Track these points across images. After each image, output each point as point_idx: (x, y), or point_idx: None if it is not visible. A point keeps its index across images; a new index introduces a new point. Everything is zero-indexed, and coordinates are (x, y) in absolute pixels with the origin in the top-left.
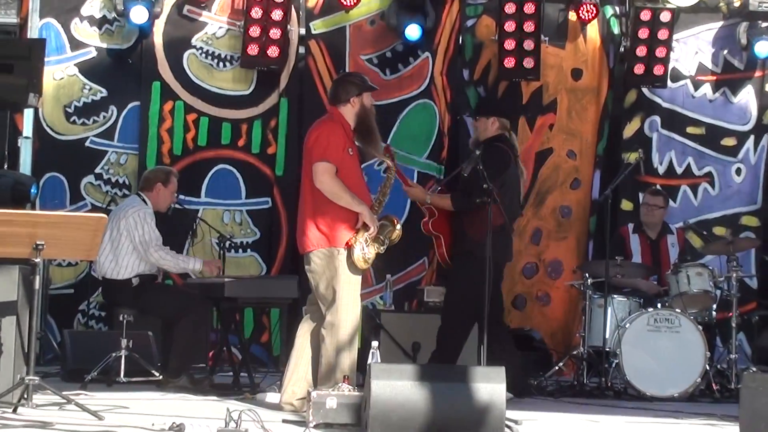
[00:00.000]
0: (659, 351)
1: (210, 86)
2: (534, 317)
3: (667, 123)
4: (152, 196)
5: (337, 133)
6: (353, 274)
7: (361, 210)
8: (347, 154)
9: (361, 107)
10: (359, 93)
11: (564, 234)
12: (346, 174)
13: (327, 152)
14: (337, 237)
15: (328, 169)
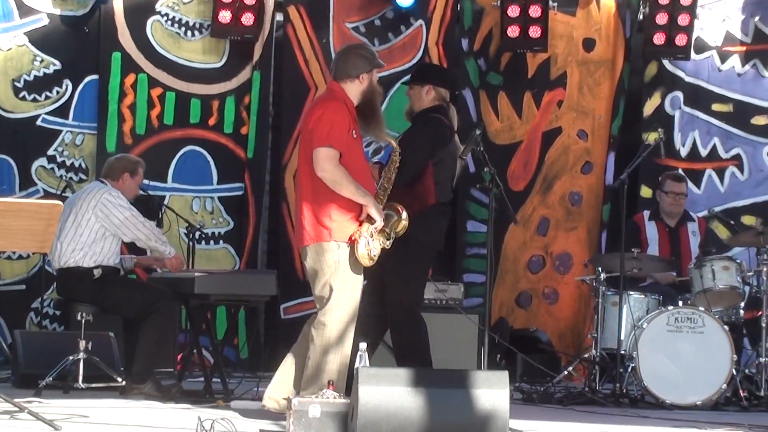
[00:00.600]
0: (680, 354)
1: (177, 58)
2: (540, 316)
3: (691, 99)
4: (117, 186)
5: (341, 113)
6: (354, 273)
7: (366, 201)
8: (351, 137)
9: (369, 85)
10: (370, 69)
11: (574, 224)
12: (350, 159)
13: (330, 136)
14: (338, 230)
15: (330, 156)
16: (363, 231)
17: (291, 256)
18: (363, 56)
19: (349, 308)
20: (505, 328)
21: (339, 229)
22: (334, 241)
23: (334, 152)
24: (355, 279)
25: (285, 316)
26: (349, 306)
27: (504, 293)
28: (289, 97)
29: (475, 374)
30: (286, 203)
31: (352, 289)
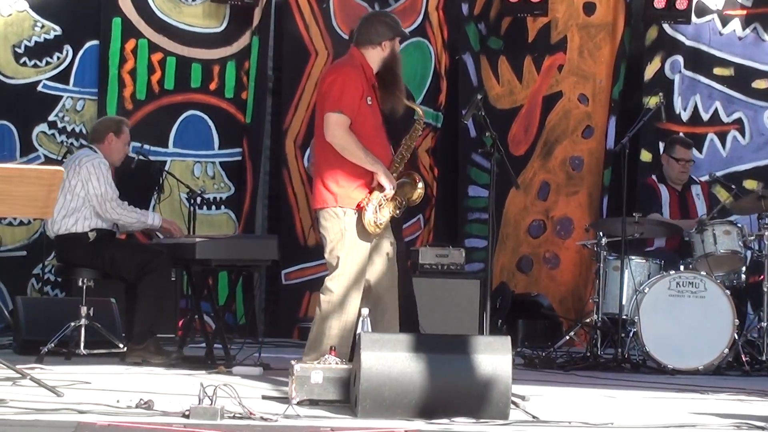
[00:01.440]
0: (682, 319)
1: (177, 22)
2: (541, 281)
3: (692, 63)
4: (104, 148)
5: (354, 79)
6: (361, 240)
7: (376, 169)
8: (365, 103)
9: (391, 53)
10: (392, 37)
11: (575, 188)
12: (362, 126)
13: (341, 101)
14: (347, 197)
15: (340, 122)
16: (372, 198)
17: (292, 222)
18: (387, 24)
19: (354, 275)
20: (507, 292)
21: (345, 195)
22: (339, 207)
23: (344, 118)
24: (361, 246)
25: (286, 282)
26: (355, 273)
27: (505, 258)
28: (289, 63)
29: (477, 339)
30: (287, 169)
31: (358, 256)
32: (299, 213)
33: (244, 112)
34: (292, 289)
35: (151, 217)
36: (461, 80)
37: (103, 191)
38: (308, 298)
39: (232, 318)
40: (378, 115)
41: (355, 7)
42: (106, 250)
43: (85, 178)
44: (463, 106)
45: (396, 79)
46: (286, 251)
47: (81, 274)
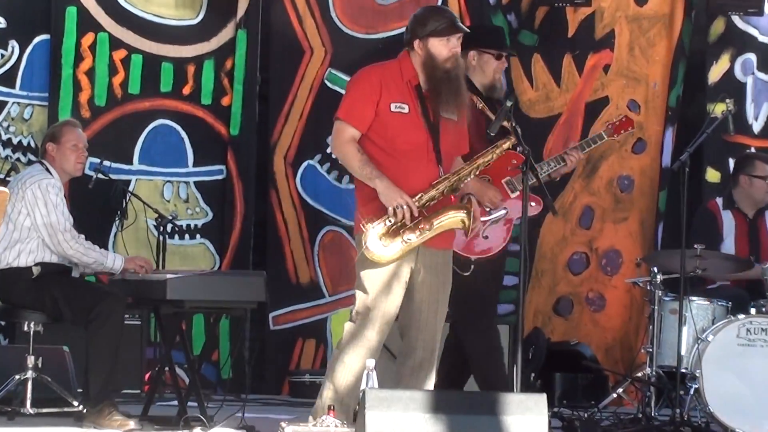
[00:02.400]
0: (753, 373)
1: (144, 13)
2: (584, 327)
3: (766, 63)
4: (51, 161)
5: (368, 81)
6: (371, 269)
7: (375, 184)
8: (390, 111)
9: (426, 55)
10: (423, 36)
11: (624, 214)
12: (383, 137)
13: (347, 108)
14: (359, 219)
15: (341, 131)
16: (375, 223)
17: (281, 255)
18: (416, 19)
19: (367, 314)
20: (541, 340)
21: (360, 218)
22: (358, 233)
23: (344, 126)
24: (374, 276)
25: (274, 327)
26: (367, 312)
27: (540, 299)
28: (279, 62)
29: (505, 397)
30: (275, 190)
31: (371, 290)
32: (290, 244)
33: (225, 121)
34: (281, 335)
35: (112, 259)
36: None
37: (54, 220)
38: (300, 346)
39: (211, 370)
40: (420, 126)
41: None
42: (47, 288)
43: (30, 204)
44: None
45: (438, 89)
46: (275, 290)
47: (27, 317)
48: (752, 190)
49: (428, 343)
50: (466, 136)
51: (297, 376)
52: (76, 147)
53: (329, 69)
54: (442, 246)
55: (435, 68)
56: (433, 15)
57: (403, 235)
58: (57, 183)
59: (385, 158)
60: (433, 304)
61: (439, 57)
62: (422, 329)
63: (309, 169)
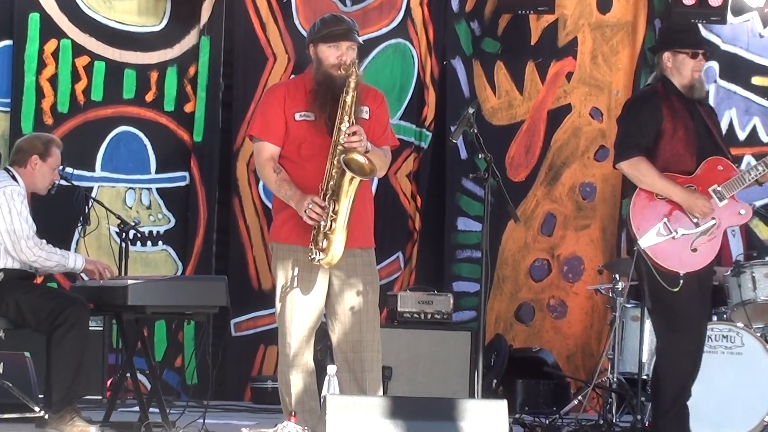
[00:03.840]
0: (714, 379)
1: (107, 20)
2: (545, 333)
3: (728, 71)
4: (26, 173)
5: (276, 97)
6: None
7: (292, 205)
8: (295, 121)
9: (316, 60)
10: (315, 41)
11: (586, 221)
12: (294, 147)
13: (260, 125)
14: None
15: (259, 150)
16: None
17: (244, 261)
18: (312, 25)
19: (288, 319)
20: (502, 346)
21: (273, 227)
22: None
23: (262, 145)
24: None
25: (236, 333)
26: (290, 317)
27: (502, 305)
28: (242, 68)
29: (466, 404)
30: (238, 197)
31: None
32: (252, 250)
33: (188, 128)
34: (243, 341)
35: (73, 259)
36: (450, 90)
37: (17, 227)
38: (262, 352)
39: (172, 376)
40: (325, 132)
41: (322, 3)
42: (11, 294)
43: None
44: (452, 121)
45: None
46: (237, 297)
47: None
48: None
49: (356, 344)
50: (379, 132)
51: (259, 382)
52: (54, 170)
53: (292, 76)
54: (357, 245)
55: (318, 71)
56: (328, 22)
57: (328, 228)
58: (22, 190)
59: (291, 166)
60: (356, 307)
61: (326, 62)
62: (349, 331)
63: None
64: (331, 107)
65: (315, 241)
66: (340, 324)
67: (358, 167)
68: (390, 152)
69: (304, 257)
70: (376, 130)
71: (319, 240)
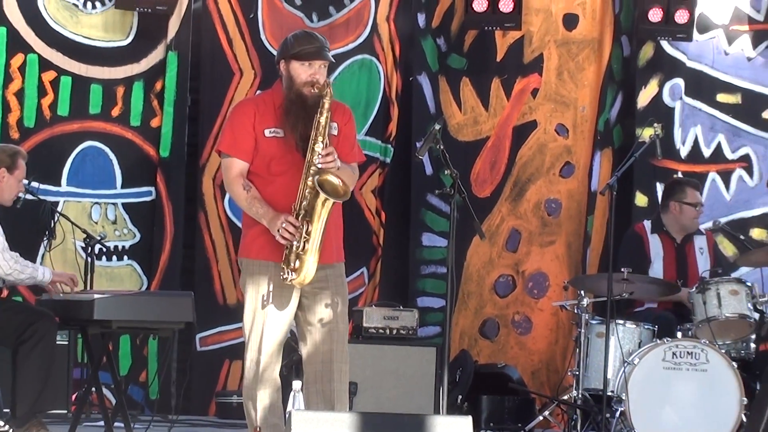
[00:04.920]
0: (679, 396)
1: (74, 34)
2: (510, 349)
3: (693, 88)
4: None
5: (245, 113)
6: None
7: (264, 223)
8: (265, 137)
9: (287, 77)
10: (287, 57)
11: (551, 238)
12: (264, 163)
13: (229, 141)
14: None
15: (229, 167)
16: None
17: (209, 276)
18: (284, 41)
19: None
20: (467, 362)
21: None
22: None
23: (230, 162)
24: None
25: (201, 348)
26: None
27: (466, 321)
28: (209, 84)
29: (432, 419)
30: (204, 212)
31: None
32: (218, 265)
33: (153, 143)
34: (208, 356)
35: (41, 272)
36: (415, 106)
37: None
38: (227, 367)
39: (138, 391)
40: (291, 148)
41: (288, 18)
42: None
43: None
44: (418, 137)
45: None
46: (202, 312)
47: None
48: (681, 216)
49: (326, 354)
50: (347, 148)
51: (224, 397)
52: (20, 182)
53: (258, 91)
54: (329, 261)
55: (291, 90)
56: (301, 39)
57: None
58: None
59: (260, 182)
60: (326, 319)
61: (297, 80)
62: (320, 343)
63: None
64: (303, 126)
65: (287, 260)
66: (310, 336)
67: (332, 189)
68: (357, 168)
69: (275, 273)
70: (344, 147)
71: (291, 260)
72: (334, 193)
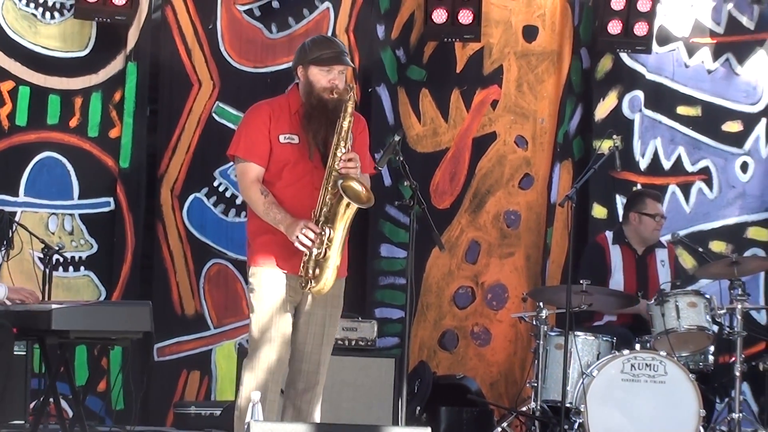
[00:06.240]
0: (637, 408)
1: (32, 44)
2: (469, 360)
3: (653, 101)
4: None
5: (261, 117)
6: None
7: (281, 229)
8: (279, 143)
9: (306, 82)
10: (306, 63)
11: (510, 249)
12: (278, 169)
13: (246, 145)
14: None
15: (245, 172)
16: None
17: (167, 286)
18: (303, 46)
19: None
20: (426, 374)
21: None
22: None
23: (247, 166)
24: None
25: (159, 358)
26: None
27: (425, 332)
28: (167, 94)
29: (390, 431)
30: (162, 223)
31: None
32: (176, 276)
33: (112, 154)
34: (165, 366)
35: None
36: (374, 117)
37: None
38: (185, 377)
39: (95, 401)
40: (305, 155)
41: (247, 29)
42: None
43: None
44: (377, 149)
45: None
46: (160, 322)
47: None
48: (641, 227)
49: (311, 374)
50: (361, 157)
51: (182, 407)
52: None
53: (217, 102)
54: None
55: (311, 95)
56: (319, 44)
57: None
58: None
59: (273, 189)
60: (318, 336)
61: (317, 85)
62: (305, 360)
63: (196, 202)
64: (324, 131)
65: (306, 268)
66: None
67: (355, 195)
68: (369, 179)
69: (288, 283)
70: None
71: (310, 267)
72: (356, 199)
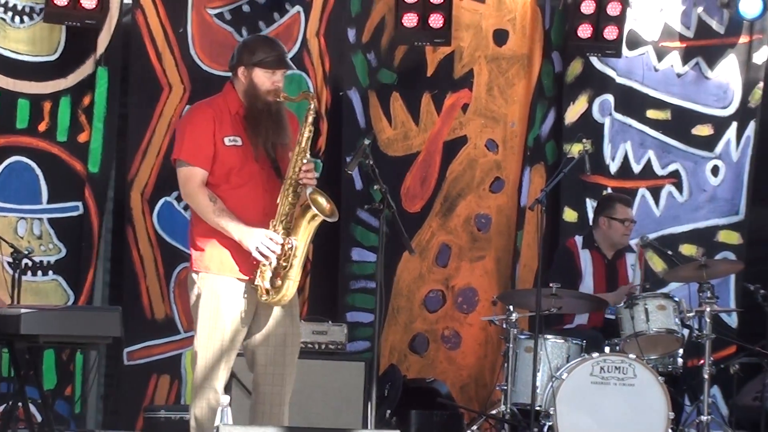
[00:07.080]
0: (606, 410)
1: (1, 48)
2: (439, 364)
3: (623, 104)
4: None
5: (205, 118)
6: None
7: (232, 235)
8: (225, 146)
9: (249, 85)
10: (250, 65)
11: (480, 253)
12: (223, 173)
13: (189, 148)
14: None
15: (190, 176)
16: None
17: (137, 290)
18: (245, 47)
19: (209, 351)
20: (396, 377)
21: (198, 257)
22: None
23: (191, 170)
24: (216, 316)
25: (128, 362)
26: (210, 348)
27: (396, 335)
28: (137, 98)
29: None
30: (132, 226)
31: (216, 329)
32: (146, 280)
33: (80, 158)
34: (135, 371)
35: None
36: (345, 121)
37: None
38: (155, 381)
39: (64, 406)
40: (250, 158)
41: (218, 33)
42: None
43: None
44: (348, 152)
45: (256, 120)
46: (130, 326)
47: None
48: (610, 232)
49: (277, 377)
50: None
51: (151, 412)
52: None
53: (187, 106)
54: None
55: (256, 98)
56: (263, 45)
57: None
58: None
59: (219, 192)
60: (280, 337)
61: (261, 87)
62: (269, 363)
63: (166, 206)
64: (272, 134)
65: (263, 277)
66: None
67: (321, 207)
68: None
69: (240, 290)
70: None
71: (266, 277)
72: (323, 212)
